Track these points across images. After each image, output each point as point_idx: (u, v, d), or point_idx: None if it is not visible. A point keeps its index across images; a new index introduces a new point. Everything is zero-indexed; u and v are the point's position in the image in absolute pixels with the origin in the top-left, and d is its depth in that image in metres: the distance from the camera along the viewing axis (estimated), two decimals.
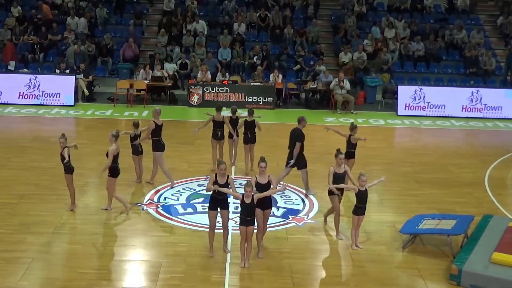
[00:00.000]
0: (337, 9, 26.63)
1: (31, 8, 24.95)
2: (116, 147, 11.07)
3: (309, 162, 12.51)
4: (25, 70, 21.94)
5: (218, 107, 13.89)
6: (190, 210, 11.60)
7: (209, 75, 21.40)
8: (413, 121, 20.33)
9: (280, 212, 11.59)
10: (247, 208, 9.16)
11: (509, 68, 23.55)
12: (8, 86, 20.71)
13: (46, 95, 20.64)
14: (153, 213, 11.43)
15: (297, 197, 12.46)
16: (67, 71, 21.37)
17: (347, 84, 20.94)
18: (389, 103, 21.90)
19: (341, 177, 10.38)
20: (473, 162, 15.57)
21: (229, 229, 9.93)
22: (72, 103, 20.54)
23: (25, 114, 19.47)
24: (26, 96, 20.69)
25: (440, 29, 25.07)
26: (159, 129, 12.58)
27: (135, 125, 12.62)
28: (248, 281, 9.09)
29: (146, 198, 12.11)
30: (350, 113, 20.70)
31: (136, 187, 12.71)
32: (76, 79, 20.79)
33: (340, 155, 10.47)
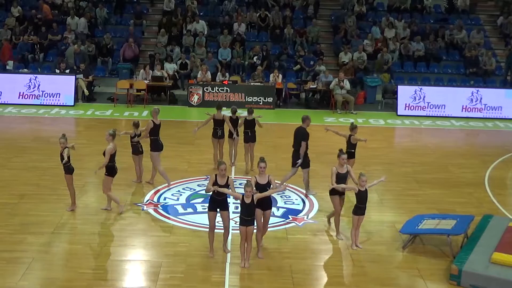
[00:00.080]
0: (337, 9, 26.62)
1: (31, 8, 24.93)
2: (113, 146, 11.07)
3: (310, 162, 12.48)
4: (25, 70, 21.92)
5: (218, 105, 13.93)
6: (190, 210, 11.60)
7: (209, 75, 21.39)
8: (413, 121, 20.32)
9: (280, 212, 11.59)
10: (247, 208, 9.16)
11: (509, 68, 23.54)
12: (8, 86, 20.70)
13: (46, 95, 20.63)
14: (153, 213, 11.43)
15: (297, 197, 12.45)
16: (67, 71, 21.36)
17: (347, 84, 20.93)
18: (389, 103, 21.89)
19: (344, 177, 10.39)
20: (473, 162, 15.57)
21: (229, 229, 9.92)
22: (72, 103, 20.54)
23: (25, 114, 19.47)
24: (26, 96, 20.68)
25: (440, 29, 25.06)
26: (157, 128, 12.58)
27: (135, 125, 12.61)
28: (248, 281, 9.09)
29: (146, 198, 12.11)
30: (350, 113, 20.69)
31: (136, 187, 12.71)
32: (76, 79, 20.77)
33: (343, 155, 10.49)
